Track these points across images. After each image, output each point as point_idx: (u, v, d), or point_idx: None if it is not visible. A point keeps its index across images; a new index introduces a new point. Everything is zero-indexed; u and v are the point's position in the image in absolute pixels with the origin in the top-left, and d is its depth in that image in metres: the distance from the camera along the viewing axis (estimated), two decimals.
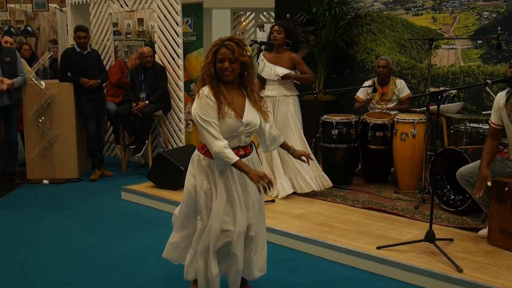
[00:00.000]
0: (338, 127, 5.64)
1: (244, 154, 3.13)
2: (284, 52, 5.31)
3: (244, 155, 3.13)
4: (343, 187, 5.63)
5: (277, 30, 5.26)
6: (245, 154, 3.15)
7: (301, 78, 5.37)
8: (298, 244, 4.28)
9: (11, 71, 6.31)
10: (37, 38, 12.41)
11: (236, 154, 3.02)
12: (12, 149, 6.58)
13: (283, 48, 5.30)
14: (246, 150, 3.16)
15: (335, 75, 6.91)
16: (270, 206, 5.06)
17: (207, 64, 3.02)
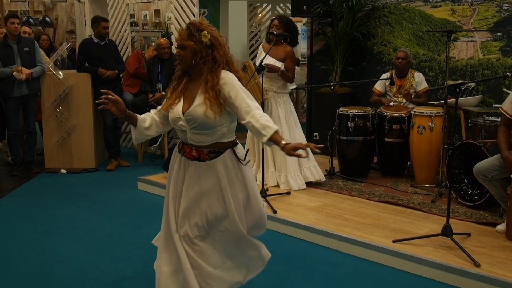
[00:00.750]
0: (355, 120, 5.61)
1: (196, 157, 2.77)
2: (281, 45, 5.33)
3: (196, 158, 2.77)
4: (359, 180, 5.61)
5: (276, 24, 5.30)
6: (198, 157, 2.77)
7: (284, 75, 5.33)
8: (314, 237, 4.28)
9: (30, 61, 6.38)
10: (55, 28, 12.51)
11: (188, 152, 2.78)
12: (30, 139, 6.66)
13: (281, 42, 5.33)
14: (201, 153, 2.77)
15: (351, 67, 6.87)
16: (286, 198, 5.06)
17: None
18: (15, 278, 3.66)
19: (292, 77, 5.44)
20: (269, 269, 3.74)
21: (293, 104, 9.77)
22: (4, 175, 6.65)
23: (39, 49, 6.62)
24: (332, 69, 6.85)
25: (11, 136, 6.56)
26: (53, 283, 3.56)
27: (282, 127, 5.29)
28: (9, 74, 6.20)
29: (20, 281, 3.62)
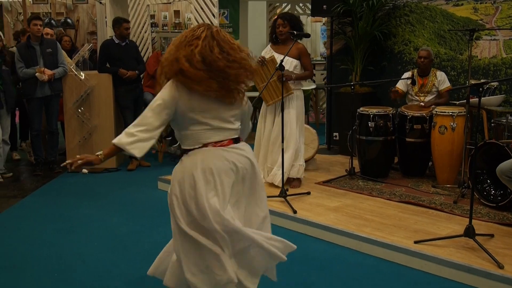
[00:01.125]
0: (375, 120, 5.57)
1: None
2: (291, 43, 5.29)
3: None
4: (379, 181, 5.57)
5: (282, 24, 5.27)
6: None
7: (300, 77, 5.33)
8: (334, 237, 4.26)
9: (52, 62, 6.46)
10: (77, 30, 12.64)
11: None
12: (52, 139, 6.74)
13: (290, 40, 5.28)
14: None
15: (372, 67, 6.82)
16: (306, 199, 5.05)
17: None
18: (37, 276, 3.71)
19: (311, 73, 5.42)
20: (289, 269, 3.74)
21: (313, 104, 9.84)
22: (27, 174, 6.75)
23: (61, 50, 6.71)
24: (352, 69, 6.82)
25: (34, 136, 6.65)
26: (74, 281, 3.60)
27: (291, 124, 5.27)
28: (32, 75, 6.29)
29: (42, 279, 3.66)
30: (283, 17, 5.32)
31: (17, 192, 5.90)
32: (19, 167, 7.17)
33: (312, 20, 12.48)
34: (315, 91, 9.65)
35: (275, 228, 4.56)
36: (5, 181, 6.31)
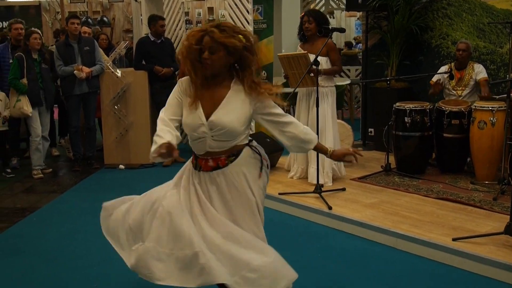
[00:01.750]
0: (412, 115, 5.49)
1: (214, 166, 2.64)
2: (318, 39, 5.27)
3: (215, 167, 2.64)
4: (416, 177, 5.48)
5: (307, 20, 5.26)
6: (216, 166, 2.64)
7: (328, 72, 5.27)
8: (370, 233, 4.22)
9: (89, 60, 6.58)
10: (112, 28, 12.85)
11: (205, 165, 2.67)
12: (90, 135, 6.88)
13: (317, 36, 5.28)
14: (218, 161, 2.63)
15: (408, 61, 6.71)
16: (341, 195, 5.02)
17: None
18: (79, 269, 3.79)
19: (339, 68, 5.39)
20: (324, 265, 3.74)
21: (347, 100, 9.75)
22: (65, 170, 6.91)
23: (98, 48, 6.82)
24: (388, 64, 6.72)
25: (72, 133, 6.79)
26: (115, 274, 3.67)
27: (326, 122, 5.24)
28: (71, 73, 6.42)
29: (84, 272, 3.74)
30: (308, 13, 5.34)
31: (56, 188, 6.04)
32: (58, 163, 7.34)
33: (347, 15, 12.37)
34: (350, 87, 9.56)
35: (310, 224, 4.57)
36: (45, 177, 6.47)
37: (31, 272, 3.76)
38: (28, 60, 6.22)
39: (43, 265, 3.88)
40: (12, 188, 6.07)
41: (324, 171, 5.28)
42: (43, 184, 6.19)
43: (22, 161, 7.12)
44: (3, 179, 6.40)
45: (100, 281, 3.59)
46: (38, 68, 6.34)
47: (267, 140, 6.14)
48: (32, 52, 6.28)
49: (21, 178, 6.46)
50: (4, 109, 6.40)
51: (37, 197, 5.69)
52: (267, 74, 7.62)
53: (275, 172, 5.92)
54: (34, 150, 6.44)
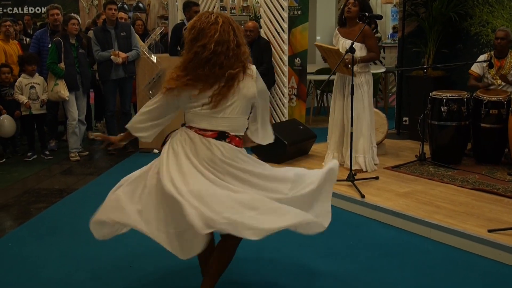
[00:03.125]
0: (448, 104, 5.39)
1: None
2: (356, 25, 5.22)
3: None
4: (451, 167, 5.40)
5: (352, 3, 5.18)
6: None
7: (365, 59, 5.19)
8: (403, 223, 4.19)
9: (126, 45, 6.67)
10: (147, 14, 12.94)
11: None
12: (126, 119, 6.96)
13: (356, 22, 5.23)
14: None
15: (446, 49, 6.58)
16: (374, 183, 4.98)
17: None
18: (115, 250, 3.87)
19: (377, 55, 5.32)
20: (357, 254, 3.74)
21: (382, 88, 9.64)
22: (101, 154, 7.03)
23: (135, 34, 6.91)
24: (425, 52, 6.61)
25: (109, 117, 6.91)
26: (147, 255, 3.73)
27: (362, 110, 5.21)
28: (107, 58, 6.52)
29: (119, 252, 3.82)
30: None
31: (93, 170, 6.17)
32: (94, 146, 7.48)
33: (383, 2, 12.18)
34: (385, 75, 9.44)
35: (342, 212, 4.57)
36: (81, 159, 6.62)
37: (68, 251, 3.86)
38: (66, 45, 6.34)
39: (80, 245, 3.98)
40: (50, 170, 6.23)
41: (359, 158, 5.26)
42: (80, 167, 6.33)
43: (60, 144, 7.30)
44: (42, 161, 6.58)
45: (136, 261, 3.67)
46: (75, 53, 6.45)
47: (300, 127, 6.14)
48: (70, 37, 6.39)
49: (59, 160, 6.62)
50: (43, 93, 6.56)
51: (74, 179, 5.83)
52: (301, 61, 7.58)
53: (307, 160, 5.92)
54: (71, 134, 6.58)
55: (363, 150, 5.28)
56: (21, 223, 4.49)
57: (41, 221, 4.56)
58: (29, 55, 6.63)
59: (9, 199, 5.15)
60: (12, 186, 5.58)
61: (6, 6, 14.20)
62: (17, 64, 6.82)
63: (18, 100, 6.44)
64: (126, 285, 3.36)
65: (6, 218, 4.63)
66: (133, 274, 3.51)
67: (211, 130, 2.75)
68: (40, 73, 6.68)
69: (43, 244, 4.02)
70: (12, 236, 4.21)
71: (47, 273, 3.53)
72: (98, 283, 3.38)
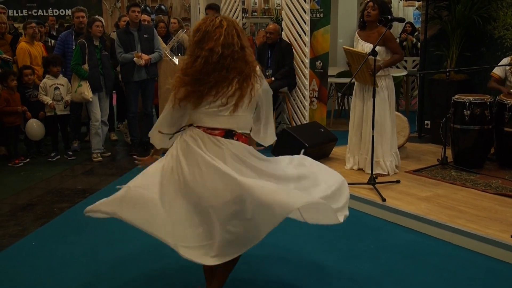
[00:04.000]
0: (471, 108, 5.34)
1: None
2: (376, 28, 5.20)
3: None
4: (473, 171, 5.34)
5: (371, 6, 5.16)
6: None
7: (388, 63, 5.16)
8: (424, 227, 4.16)
9: (148, 47, 6.73)
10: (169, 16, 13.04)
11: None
12: (148, 121, 7.05)
13: (375, 25, 5.21)
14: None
15: (469, 52, 6.52)
16: (395, 187, 4.96)
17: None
18: (137, 251, 3.91)
19: (400, 56, 5.29)
20: (377, 257, 3.72)
21: (403, 91, 9.57)
22: (123, 154, 7.12)
23: (157, 36, 6.97)
24: (448, 55, 6.55)
25: (131, 118, 6.99)
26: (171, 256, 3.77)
27: (383, 113, 5.18)
28: (130, 59, 6.59)
29: (142, 253, 3.86)
30: (374, 0, 5.22)
31: (115, 171, 6.24)
32: (116, 147, 7.57)
33: (404, 4, 12.12)
34: (406, 78, 9.38)
35: (363, 215, 4.55)
36: (104, 160, 6.70)
37: (90, 251, 3.92)
38: (90, 47, 6.43)
39: (102, 245, 4.03)
40: (73, 170, 6.32)
41: (380, 162, 5.24)
42: (102, 167, 6.41)
43: (83, 145, 7.40)
44: (65, 162, 6.68)
45: (160, 263, 3.70)
46: (99, 54, 6.54)
47: (320, 130, 6.13)
48: (94, 39, 6.48)
49: (81, 161, 6.72)
50: (66, 94, 6.66)
51: (97, 179, 5.91)
52: (323, 64, 7.58)
53: (328, 163, 5.91)
54: (94, 134, 6.67)
55: (384, 154, 5.26)
56: (45, 222, 4.57)
57: (64, 221, 4.63)
58: (53, 57, 6.75)
59: (33, 198, 5.24)
60: (36, 186, 5.67)
61: (31, 8, 14.44)
62: (42, 65, 6.95)
63: (43, 101, 6.56)
64: (148, 283, 3.40)
65: (30, 217, 4.71)
66: (155, 273, 3.54)
67: (219, 128, 2.76)
68: (64, 74, 6.79)
69: (66, 243, 4.09)
70: (36, 235, 4.28)
71: (70, 272, 3.58)
72: (120, 282, 3.42)
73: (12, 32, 7.79)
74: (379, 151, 5.23)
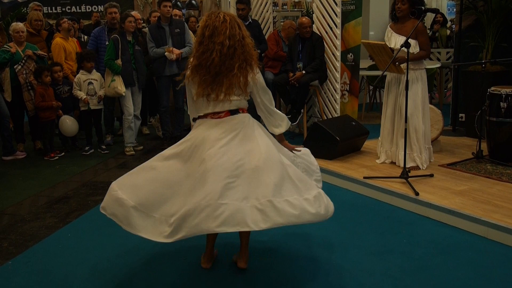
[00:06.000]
0: (508, 100, 5.22)
1: None
2: (409, 20, 5.11)
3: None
4: (510, 165, 5.23)
5: (401, 1, 5.09)
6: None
7: (414, 58, 5.02)
8: (459, 222, 4.09)
9: (180, 41, 6.77)
10: (200, 10, 13.12)
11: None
12: (179, 115, 7.11)
13: (408, 17, 5.12)
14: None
15: (506, 43, 6.36)
16: (429, 181, 4.89)
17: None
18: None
19: (427, 53, 5.18)
20: (411, 252, 3.68)
21: (437, 84, 9.41)
22: (155, 148, 7.18)
23: (188, 30, 7.00)
24: (483, 46, 6.41)
25: (162, 112, 7.05)
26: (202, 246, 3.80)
27: (416, 107, 5.10)
28: (162, 54, 6.64)
29: (172, 245, 3.89)
30: None
31: None
32: (148, 141, 7.65)
33: None
34: (440, 70, 9.21)
35: (396, 209, 4.50)
36: (136, 154, 6.78)
37: (125, 242, 3.97)
38: (123, 42, 6.50)
39: (136, 236, 4.05)
40: (107, 164, 6.42)
41: (413, 155, 5.17)
42: (134, 161, 6.49)
43: (116, 139, 7.51)
44: (98, 155, 6.79)
45: (191, 252, 3.73)
46: (131, 49, 6.61)
47: (352, 123, 6.08)
48: (127, 34, 6.55)
49: (114, 155, 6.82)
50: (100, 89, 6.76)
51: None
52: (354, 56, 7.50)
53: (360, 156, 5.86)
54: (127, 128, 6.75)
55: (417, 147, 5.18)
56: (80, 214, 4.65)
57: (98, 213, 4.63)
58: (87, 52, 6.85)
59: (68, 191, 5.35)
60: (71, 179, 5.78)
61: (65, 5, 14.69)
62: (75, 61, 7.07)
63: (77, 96, 6.67)
64: (180, 274, 3.43)
65: (65, 209, 4.80)
66: (187, 265, 3.57)
67: (223, 111, 3.14)
68: (97, 69, 6.89)
69: (101, 235, 4.15)
70: (71, 227, 4.37)
71: (105, 263, 3.64)
72: (155, 274, 3.47)
73: (47, 28, 7.95)
74: (412, 144, 5.15)
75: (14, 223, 4.47)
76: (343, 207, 4.65)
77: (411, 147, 5.15)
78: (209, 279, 3.38)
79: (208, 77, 3.05)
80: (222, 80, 3.06)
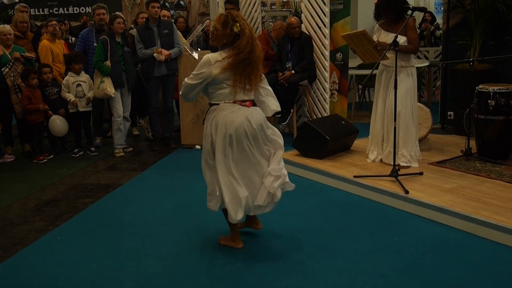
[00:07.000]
0: (496, 98, 5.25)
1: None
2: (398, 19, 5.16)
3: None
4: (498, 162, 5.26)
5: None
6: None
7: (401, 49, 5.01)
8: (449, 219, 4.11)
9: (168, 42, 6.75)
10: (188, 11, 13.06)
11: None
12: (168, 116, 7.09)
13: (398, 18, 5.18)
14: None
15: (493, 41, 6.40)
16: (418, 179, 4.91)
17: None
18: (160, 243, 3.95)
19: (415, 48, 5.20)
20: (401, 250, 3.69)
21: (425, 82, 9.46)
22: (145, 149, 7.16)
23: (177, 31, 6.98)
24: (471, 44, 6.45)
25: (152, 113, 7.02)
26: (192, 249, 3.79)
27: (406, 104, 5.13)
28: (150, 55, 6.62)
29: (165, 246, 3.89)
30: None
31: (137, 166, 6.29)
32: (138, 142, 7.62)
33: None
34: (428, 69, 9.26)
35: (386, 208, 4.52)
36: (126, 155, 6.76)
37: (115, 245, 3.96)
38: (112, 43, 6.47)
39: (127, 238, 4.07)
40: (96, 166, 6.39)
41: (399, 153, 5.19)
42: (124, 162, 6.47)
43: (105, 140, 7.47)
44: (88, 157, 6.75)
45: (180, 256, 3.72)
46: (120, 51, 6.58)
47: (342, 122, 6.09)
48: (115, 35, 6.52)
49: (104, 156, 6.78)
50: (89, 91, 6.72)
51: (119, 174, 5.96)
52: (343, 56, 7.53)
53: (350, 155, 5.88)
54: (116, 130, 6.72)
55: (406, 145, 5.20)
56: (70, 217, 4.62)
57: (88, 215, 4.68)
58: (75, 54, 6.81)
59: (57, 194, 5.31)
60: (60, 182, 5.75)
61: (52, 6, 14.57)
62: (63, 63, 7.02)
63: (66, 98, 6.63)
64: (172, 277, 3.42)
65: (55, 212, 4.77)
66: (178, 266, 3.56)
67: (249, 100, 3.64)
68: (86, 71, 6.84)
69: (91, 237, 4.13)
70: (61, 230, 4.34)
71: (94, 266, 3.62)
72: (144, 276, 3.45)
73: (34, 30, 7.88)
74: (401, 142, 5.18)
75: (3, 226, 4.44)
76: (333, 206, 4.66)
77: (400, 145, 5.17)
78: (202, 279, 3.37)
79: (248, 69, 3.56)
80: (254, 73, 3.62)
